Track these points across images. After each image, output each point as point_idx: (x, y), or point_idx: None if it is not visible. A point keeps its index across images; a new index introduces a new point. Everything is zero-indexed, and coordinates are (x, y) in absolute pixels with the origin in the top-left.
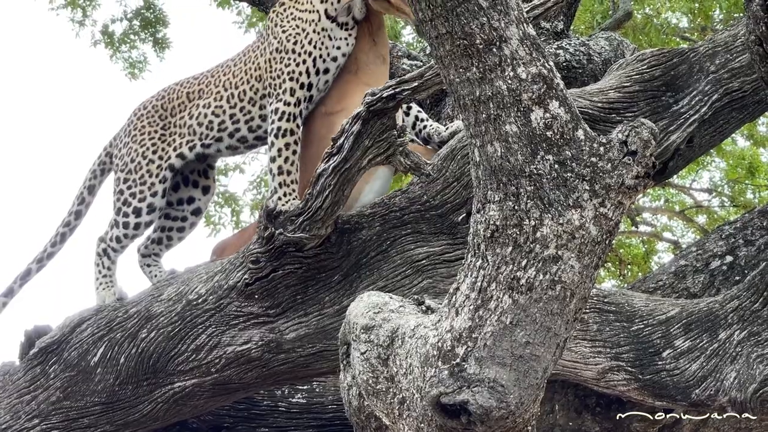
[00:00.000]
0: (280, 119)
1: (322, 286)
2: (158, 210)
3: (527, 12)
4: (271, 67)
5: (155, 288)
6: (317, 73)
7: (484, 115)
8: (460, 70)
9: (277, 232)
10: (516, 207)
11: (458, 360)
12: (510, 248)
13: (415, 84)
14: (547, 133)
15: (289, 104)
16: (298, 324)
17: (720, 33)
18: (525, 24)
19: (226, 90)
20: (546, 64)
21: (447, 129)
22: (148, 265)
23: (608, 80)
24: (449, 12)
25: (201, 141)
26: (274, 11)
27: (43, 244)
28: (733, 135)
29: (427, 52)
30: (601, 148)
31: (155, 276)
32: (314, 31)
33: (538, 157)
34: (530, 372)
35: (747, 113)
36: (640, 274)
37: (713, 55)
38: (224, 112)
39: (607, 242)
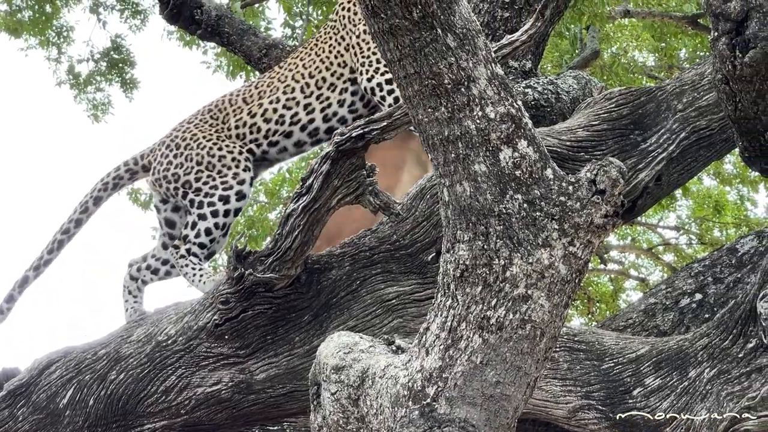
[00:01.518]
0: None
1: (292, 327)
2: (247, 198)
3: (495, 52)
4: (361, 49)
5: (124, 329)
6: None
7: (452, 155)
8: (429, 109)
9: (246, 272)
10: (485, 246)
11: (429, 400)
12: (480, 288)
13: (384, 124)
14: (516, 172)
15: None
16: (269, 364)
17: (687, 72)
18: (493, 64)
19: (297, 82)
20: (514, 104)
21: None
22: (130, 292)
23: (576, 119)
24: (417, 52)
25: (267, 139)
26: (343, 7)
27: (39, 250)
28: (699, 174)
29: None
30: (570, 187)
31: (128, 310)
32: None
33: (507, 196)
34: (501, 411)
35: (714, 151)
36: (608, 312)
37: (680, 94)
38: (297, 103)
39: (576, 281)
